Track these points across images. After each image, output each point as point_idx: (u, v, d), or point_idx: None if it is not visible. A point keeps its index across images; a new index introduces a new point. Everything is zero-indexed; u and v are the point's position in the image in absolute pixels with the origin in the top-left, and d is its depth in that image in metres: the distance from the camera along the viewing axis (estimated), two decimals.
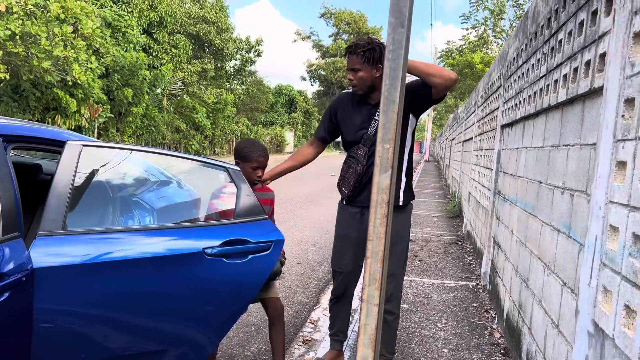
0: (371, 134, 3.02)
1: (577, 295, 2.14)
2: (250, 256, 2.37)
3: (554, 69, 2.98)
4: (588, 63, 2.33)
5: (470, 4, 26.54)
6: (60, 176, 2.21)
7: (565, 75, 2.73)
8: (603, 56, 2.13)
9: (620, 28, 1.91)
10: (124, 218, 3.01)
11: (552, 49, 3.09)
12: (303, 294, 5.15)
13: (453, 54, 26.81)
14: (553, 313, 2.63)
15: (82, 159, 2.32)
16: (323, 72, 57.52)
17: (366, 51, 2.91)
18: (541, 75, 3.34)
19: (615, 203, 1.80)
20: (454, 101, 29.77)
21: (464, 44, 27.12)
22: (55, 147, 2.49)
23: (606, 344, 1.82)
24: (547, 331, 2.72)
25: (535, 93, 3.52)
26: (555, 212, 2.78)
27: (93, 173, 2.65)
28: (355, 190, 3.11)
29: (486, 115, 6.81)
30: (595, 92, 2.24)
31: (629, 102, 1.79)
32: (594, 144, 2.19)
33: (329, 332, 3.57)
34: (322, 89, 59.42)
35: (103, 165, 2.77)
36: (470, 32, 26.87)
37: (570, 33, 2.70)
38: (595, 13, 2.30)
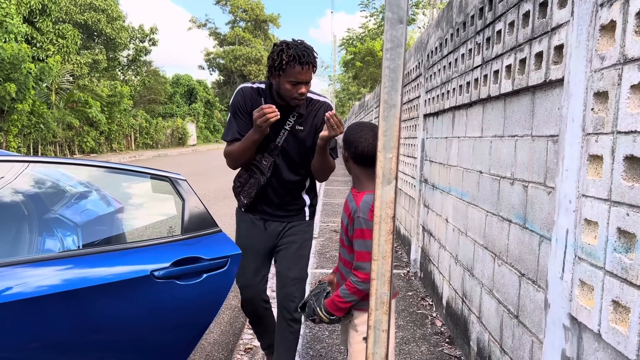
0: (279, 144, 2.73)
1: (546, 288, 2.14)
2: (204, 275, 2.14)
3: (493, 60, 3.00)
4: (539, 55, 2.33)
5: None
6: None
7: (508, 66, 2.73)
8: (559, 48, 2.13)
9: (582, 20, 1.91)
10: (43, 238, 2.63)
11: (489, 39, 3.10)
12: (236, 297, 4.91)
13: (354, 42, 27.22)
14: (510, 303, 2.65)
15: None
16: (222, 61, 56.11)
17: (316, 60, 2.57)
18: (475, 65, 3.36)
19: (590, 197, 1.80)
20: (357, 88, 30.32)
21: (364, 32, 27.63)
22: None
23: (585, 337, 1.82)
24: (503, 321, 2.74)
25: (468, 83, 3.55)
26: (504, 202, 2.80)
27: (3, 191, 2.26)
28: (256, 201, 2.83)
29: (403, 104, 6.90)
30: (550, 84, 2.24)
31: (600, 95, 1.78)
32: (553, 135, 2.20)
33: (262, 349, 3.34)
34: (222, 78, 58.00)
35: (12, 181, 2.37)
36: (369, 20, 27.44)
37: (512, 24, 2.70)
38: (544, 4, 2.30)
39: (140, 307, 2.03)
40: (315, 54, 2.53)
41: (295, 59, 2.43)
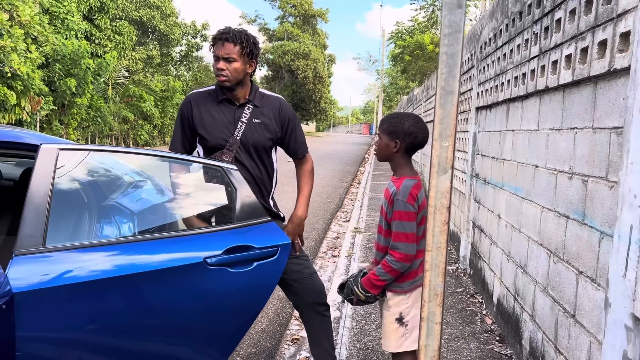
0: (238, 138, 2.71)
1: (607, 287, 2.05)
2: (255, 263, 2.16)
3: (551, 50, 2.89)
4: (603, 43, 2.23)
5: None
6: (37, 186, 1.93)
7: (568, 56, 2.63)
8: (625, 35, 2.03)
9: None
10: (101, 225, 2.73)
11: (547, 28, 2.99)
12: None
13: (403, 36, 26.86)
14: (566, 302, 2.55)
15: (58, 165, 2.04)
16: (271, 56, 56.48)
17: (246, 42, 2.67)
18: (532, 55, 3.24)
19: None
20: (405, 82, 29.93)
21: (413, 25, 27.21)
22: (16, 150, 2.21)
23: None
24: (558, 320, 2.65)
25: (524, 74, 3.43)
26: (561, 197, 2.70)
27: (68, 179, 2.35)
28: None
29: None
30: (614, 74, 2.14)
31: None
32: (616, 127, 2.10)
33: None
34: (271, 73, 58.48)
35: (76, 169, 2.47)
36: (419, 13, 26.99)
37: (573, 12, 2.59)
38: None
39: (193, 293, 2.07)
40: (235, 31, 2.68)
41: (213, 38, 2.70)
